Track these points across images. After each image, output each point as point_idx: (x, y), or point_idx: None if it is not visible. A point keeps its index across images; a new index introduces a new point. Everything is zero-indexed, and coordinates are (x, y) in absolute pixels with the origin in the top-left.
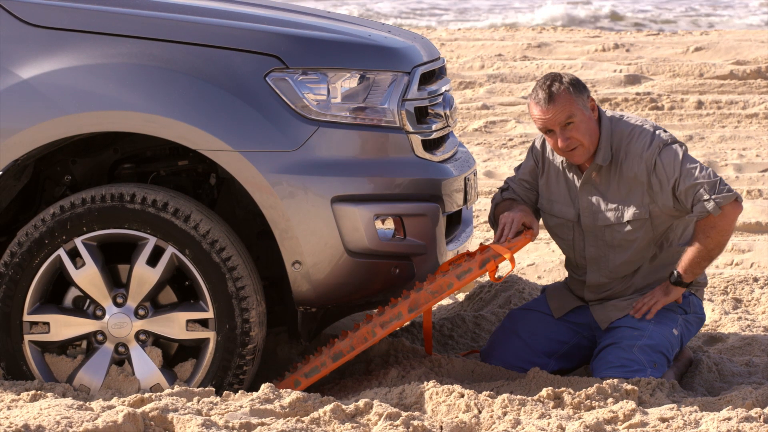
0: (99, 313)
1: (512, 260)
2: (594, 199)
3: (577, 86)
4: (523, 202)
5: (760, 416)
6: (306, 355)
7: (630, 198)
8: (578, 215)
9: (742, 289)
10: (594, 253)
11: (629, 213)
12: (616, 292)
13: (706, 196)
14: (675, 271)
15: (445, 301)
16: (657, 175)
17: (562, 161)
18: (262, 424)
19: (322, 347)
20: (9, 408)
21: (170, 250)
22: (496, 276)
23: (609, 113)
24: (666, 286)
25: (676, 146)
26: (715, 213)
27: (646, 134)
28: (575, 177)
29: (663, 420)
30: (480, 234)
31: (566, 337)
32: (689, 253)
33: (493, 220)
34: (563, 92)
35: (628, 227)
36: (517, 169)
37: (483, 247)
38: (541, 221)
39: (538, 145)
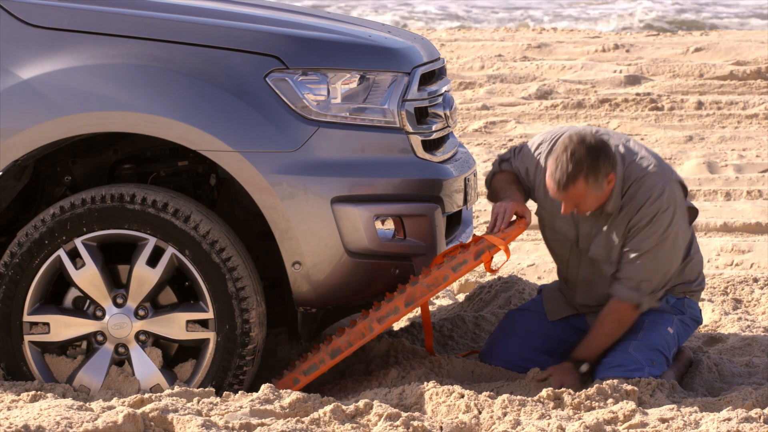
0: (99, 313)
1: (507, 250)
2: (593, 230)
3: (598, 172)
4: (516, 186)
5: (760, 417)
6: (304, 353)
7: (620, 239)
8: (578, 238)
9: (742, 289)
10: (587, 277)
11: (615, 254)
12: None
13: (625, 281)
14: (575, 359)
15: (446, 302)
16: (636, 228)
17: None
18: (262, 424)
19: (320, 344)
20: (9, 408)
21: (170, 251)
22: (491, 267)
23: (622, 149)
24: (564, 368)
25: (672, 220)
26: (620, 299)
27: (654, 186)
28: None
29: (663, 420)
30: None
31: (564, 335)
32: (588, 336)
33: (489, 185)
34: (579, 185)
35: (613, 267)
36: (522, 146)
37: (477, 238)
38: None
39: (541, 162)
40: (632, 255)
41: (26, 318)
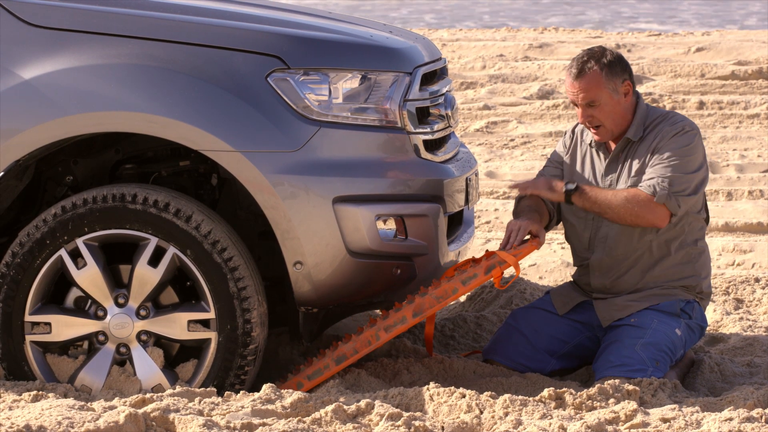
0: (100, 313)
1: (517, 267)
2: (613, 177)
3: (614, 69)
4: (537, 210)
5: (761, 416)
6: (308, 356)
7: (639, 174)
8: (597, 184)
9: (744, 289)
10: (604, 232)
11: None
12: (620, 284)
13: (646, 182)
14: (576, 184)
15: None
16: (658, 145)
17: (591, 141)
18: (264, 424)
19: (325, 349)
20: (11, 408)
21: (172, 251)
22: (501, 282)
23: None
24: (554, 184)
25: (695, 139)
26: (655, 197)
27: (678, 117)
28: (602, 156)
29: (664, 420)
30: (481, 234)
31: (569, 336)
32: (603, 191)
33: (515, 209)
34: (594, 74)
35: None
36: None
37: (489, 254)
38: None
39: (571, 127)
40: (654, 162)
41: (28, 318)
